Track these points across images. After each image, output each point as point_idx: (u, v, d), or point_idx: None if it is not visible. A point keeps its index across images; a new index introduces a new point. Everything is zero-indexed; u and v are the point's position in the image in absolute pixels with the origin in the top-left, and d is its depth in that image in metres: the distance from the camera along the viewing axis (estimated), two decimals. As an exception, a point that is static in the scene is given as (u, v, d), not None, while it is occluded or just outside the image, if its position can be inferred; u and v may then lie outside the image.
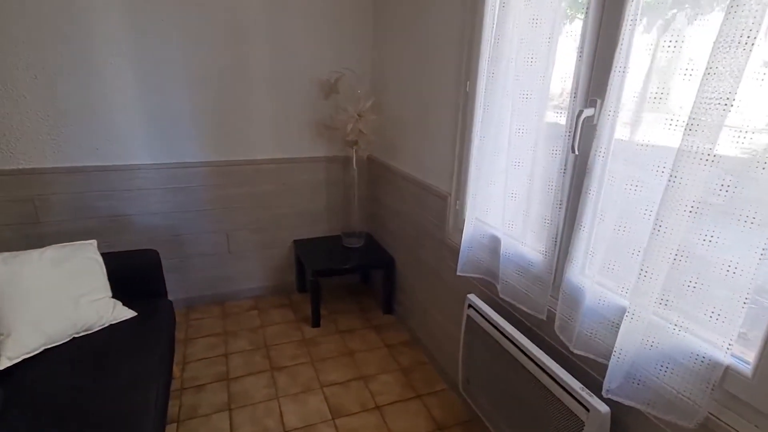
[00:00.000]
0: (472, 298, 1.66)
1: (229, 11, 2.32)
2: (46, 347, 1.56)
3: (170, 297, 2.56)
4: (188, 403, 1.99)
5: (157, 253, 2.04)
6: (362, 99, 2.48)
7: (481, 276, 1.70)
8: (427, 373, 2.24)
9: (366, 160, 2.88)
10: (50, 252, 1.66)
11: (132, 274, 1.95)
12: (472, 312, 1.65)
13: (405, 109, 2.34)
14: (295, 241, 2.87)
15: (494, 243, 1.60)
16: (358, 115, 2.45)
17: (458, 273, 1.74)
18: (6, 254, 1.59)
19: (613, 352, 1.06)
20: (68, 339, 1.63)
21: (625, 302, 1.11)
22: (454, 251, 1.90)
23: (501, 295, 1.55)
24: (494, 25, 1.45)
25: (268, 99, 2.54)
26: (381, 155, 2.73)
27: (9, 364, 1.46)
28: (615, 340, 1.06)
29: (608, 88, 1.03)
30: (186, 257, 2.64)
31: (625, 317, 1.02)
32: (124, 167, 2.35)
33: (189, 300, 2.73)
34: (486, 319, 1.55)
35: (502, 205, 1.51)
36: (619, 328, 1.05)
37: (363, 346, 2.45)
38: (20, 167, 2.18)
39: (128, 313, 1.80)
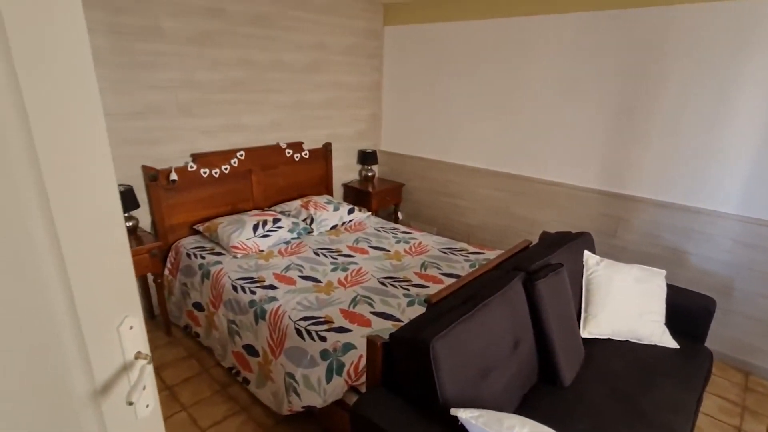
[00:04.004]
0: None
1: None
2: (609, 337, 2.08)
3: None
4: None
5: (715, 303, 2.12)
6: None
7: None
8: None
9: None
10: (636, 270, 2.13)
11: (683, 310, 2.15)
12: None
13: None
14: None
15: None
16: None
17: None
18: (607, 261, 2.18)
19: None
20: (623, 340, 2.07)
21: None
22: None
23: None
24: None
25: None
26: None
27: (588, 336, 2.07)
28: None
29: None
30: (727, 311, 2.56)
31: None
32: (703, 210, 2.52)
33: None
34: None
35: None
36: None
37: None
38: (614, 191, 2.81)
39: (672, 343, 2.05)
